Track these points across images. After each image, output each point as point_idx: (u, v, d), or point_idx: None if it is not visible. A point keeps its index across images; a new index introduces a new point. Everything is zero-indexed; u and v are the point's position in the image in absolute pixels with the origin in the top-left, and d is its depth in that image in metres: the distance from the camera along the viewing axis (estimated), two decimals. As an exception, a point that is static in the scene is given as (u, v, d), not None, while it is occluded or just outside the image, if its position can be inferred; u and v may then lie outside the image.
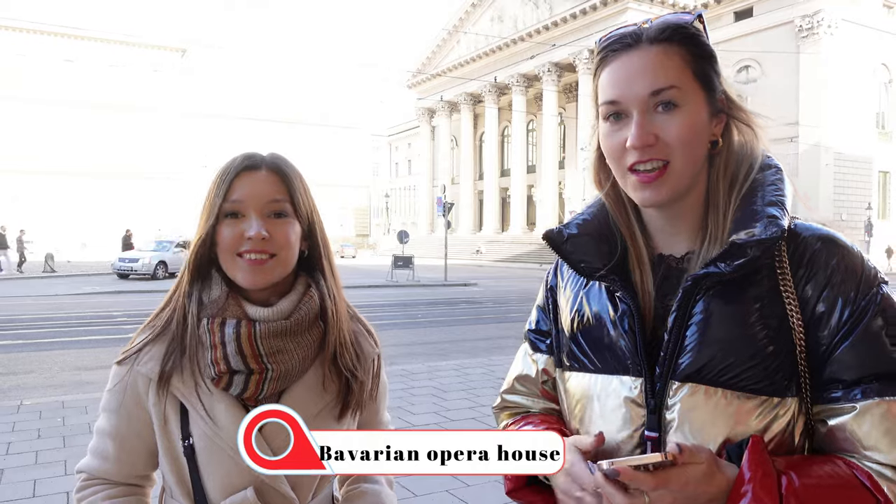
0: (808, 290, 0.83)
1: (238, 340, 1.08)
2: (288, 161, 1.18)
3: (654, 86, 0.85)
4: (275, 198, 1.12)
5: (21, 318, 13.04)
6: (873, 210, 35.05)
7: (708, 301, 0.85)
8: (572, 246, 0.99)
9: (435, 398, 6.19)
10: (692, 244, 0.93)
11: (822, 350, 0.82)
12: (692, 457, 0.77)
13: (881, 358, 0.79)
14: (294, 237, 1.13)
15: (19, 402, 5.96)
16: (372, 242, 71.88)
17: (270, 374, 1.09)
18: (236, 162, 1.13)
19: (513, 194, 49.00)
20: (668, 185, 0.87)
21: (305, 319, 1.13)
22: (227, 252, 1.10)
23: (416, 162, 69.91)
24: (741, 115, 0.92)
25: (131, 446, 1.14)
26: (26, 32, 55.14)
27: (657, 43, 0.87)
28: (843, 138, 34.80)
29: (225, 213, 1.11)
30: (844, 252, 0.84)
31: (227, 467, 1.09)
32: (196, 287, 1.14)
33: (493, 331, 11.98)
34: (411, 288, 23.09)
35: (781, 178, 0.90)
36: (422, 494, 3.84)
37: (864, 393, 0.78)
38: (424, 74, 56.79)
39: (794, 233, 0.87)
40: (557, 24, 42.61)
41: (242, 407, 1.10)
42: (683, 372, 0.85)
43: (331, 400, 1.17)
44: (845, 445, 0.80)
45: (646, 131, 0.85)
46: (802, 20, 34.44)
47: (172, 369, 1.09)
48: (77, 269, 28.78)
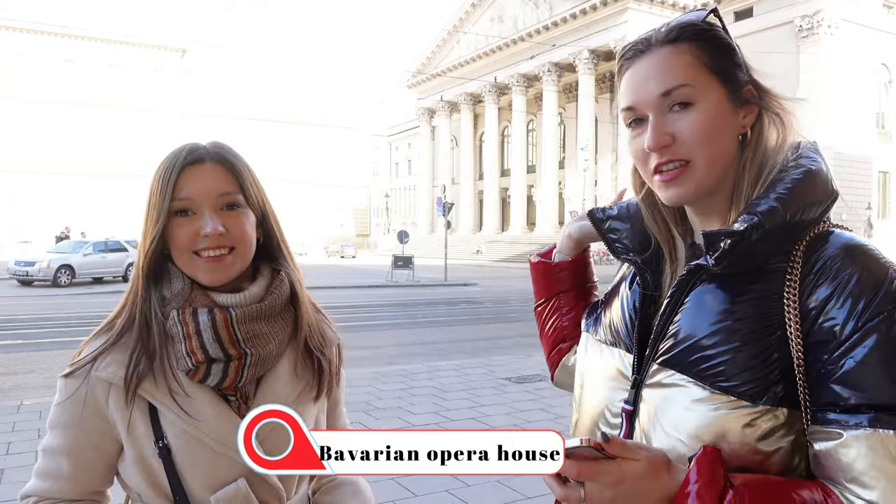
0: (813, 300, 0.78)
1: (214, 327, 1.05)
2: (232, 150, 1.15)
3: (664, 86, 0.85)
4: (226, 190, 1.09)
5: (21, 318, 13.04)
6: (873, 210, 35.07)
7: (700, 292, 0.86)
8: (611, 226, 1.05)
9: (435, 398, 6.19)
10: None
11: (820, 366, 0.76)
12: (623, 450, 0.75)
13: (882, 386, 0.72)
14: (250, 228, 1.11)
15: (19, 402, 5.96)
16: (372, 242, 71.90)
17: (250, 359, 1.07)
18: (180, 157, 1.09)
19: (513, 194, 49.00)
20: (690, 182, 0.86)
21: (279, 302, 1.13)
22: (183, 251, 1.07)
23: (416, 162, 69.92)
24: (773, 105, 0.89)
25: (88, 461, 1.08)
26: (26, 32, 55.14)
27: (667, 44, 0.87)
28: (842, 138, 34.79)
29: (175, 212, 1.07)
30: (866, 262, 0.77)
31: (212, 462, 1.06)
32: (153, 286, 1.10)
33: (493, 331, 11.98)
34: (411, 288, 23.08)
35: (805, 178, 0.83)
36: (422, 494, 3.85)
37: (858, 422, 0.72)
38: (424, 74, 56.79)
39: (817, 238, 0.82)
40: (557, 24, 42.61)
41: (222, 398, 1.08)
42: (662, 355, 0.88)
43: (307, 383, 1.17)
44: (829, 473, 0.74)
45: (661, 133, 0.85)
46: (802, 20, 34.45)
47: (141, 372, 1.05)
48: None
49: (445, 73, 52.53)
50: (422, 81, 58.00)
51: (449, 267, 27.56)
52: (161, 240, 1.08)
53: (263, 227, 1.16)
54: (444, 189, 31.31)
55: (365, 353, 9.29)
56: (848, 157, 35.33)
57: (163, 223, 1.06)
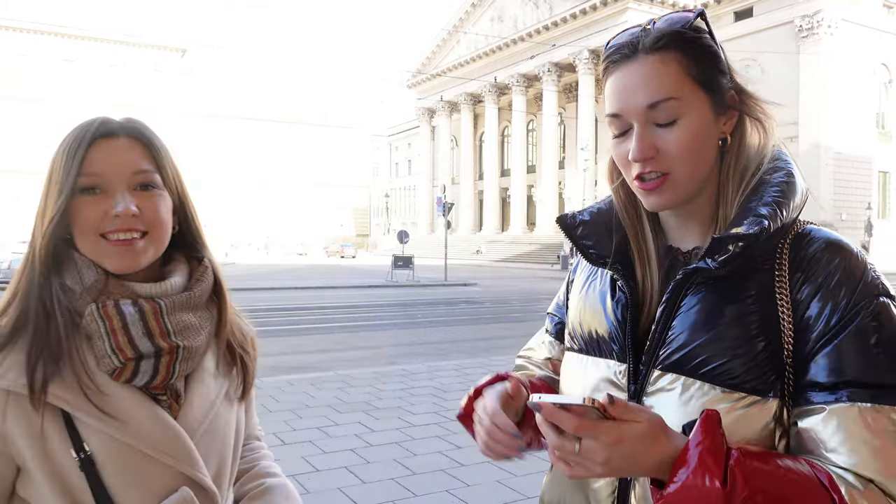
0: (802, 294, 0.82)
1: (144, 320, 0.94)
2: (148, 126, 1.03)
3: (651, 98, 0.85)
4: (141, 168, 0.97)
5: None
6: (873, 210, 35.06)
7: (697, 295, 0.87)
8: (583, 232, 1.02)
9: (435, 398, 6.19)
10: (702, 239, 0.93)
11: (805, 353, 0.81)
12: (626, 412, 0.74)
13: (860, 365, 0.77)
14: (165, 212, 1.00)
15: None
16: (372, 242, 71.90)
17: (181, 352, 0.97)
18: (91, 129, 0.97)
19: (513, 194, 49.02)
20: (669, 193, 0.88)
21: (205, 292, 1.04)
22: (88, 234, 0.95)
23: (416, 162, 69.93)
24: (754, 110, 0.91)
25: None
26: (26, 32, 55.16)
27: (654, 52, 0.86)
28: (842, 138, 34.80)
29: (81, 188, 0.94)
30: (846, 256, 0.83)
31: (145, 471, 0.94)
32: (54, 275, 0.95)
33: (493, 331, 11.97)
34: (411, 288, 23.08)
35: (788, 181, 0.87)
36: (422, 494, 3.84)
37: (837, 397, 0.77)
38: (424, 74, 56.80)
39: (801, 236, 0.86)
40: (557, 24, 42.62)
41: (150, 398, 0.97)
42: (664, 361, 0.87)
43: (228, 381, 1.09)
44: (810, 446, 0.78)
45: (645, 145, 0.86)
46: (802, 20, 34.44)
47: (47, 375, 0.90)
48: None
49: (445, 73, 52.54)
50: (422, 81, 58.01)
51: (449, 267, 27.57)
52: (62, 221, 0.95)
53: (181, 213, 1.06)
54: (444, 189, 31.33)
55: (365, 353, 9.30)
56: (848, 157, 35.34)
57: (65, 201, 0.93)
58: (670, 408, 0.85)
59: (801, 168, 0.91)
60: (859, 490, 0.73)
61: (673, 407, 0.85)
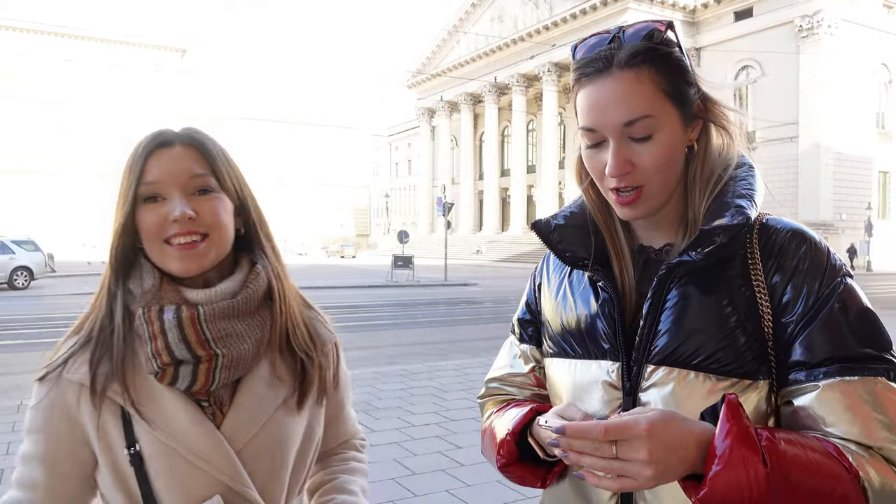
0: (776, 279, 0.87)
1: (180, 326, 0.96)
2: (204, 133, 1.06)
3: (627, 116, 0.87)
4: (196, 172, 1.00)
5: (21, 319, 13.05)
6: (873, 210, 35.05)
7: (681, 288, 0.90)
8: (559, 236, 1.03)
9: (435, 398, 6.19)
10: (671, 237, 0.97)
11: (787, 335, 0.85)
12: (620, 433, 0.73)
13: (841, 342, 0.83)
14: (225, 214, 1.02)
15: (19, 402, 5.95)
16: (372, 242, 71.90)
17: (221, 360, 0.98)
18: (146, 140, 1.02)
19: (513, 194, 49.01)
20: (644, 206, 0.91)
21: (254, 298, 1.03)
22: (153, 240, 0.99)
23: (416, 162, 69.92)
24: (719, 117, 0.94)
25: (63, 471, 0.99)
26: (26, 32, 55.14)
27: (628, 68, 0.87)
28: (842, 138, 34.79)
29: (143, 198, 0.99)
30: (811, 245, 0.88)
31: (185, 474, 0.97)
32: (122, 281, 1.01)
33: (493, 331, 11.97)
34: (411, 288, 23.08)
35: (753, 174, 0.94)
36: (422, 494, 3.85)
37: (826, 374, 0.82)
38: (424, 74, 56.79)
39: (765, 226, 0.91)
40: (557, 24, 42.61)
41: (194, 402, 1.00)
42: (658, 355, 0.89)
43: (288, 389, 1.07)
44: (808, 423, 0.82)
45: (622, 160, 0.88)
46: (802, 20, 34.43)
47: (107, 373, 0.97)
48: (77, 270, 28.76)
49: (445, 73, 52.53)
50: (422, 81, 57.99)
51: (449, 267, 27.56)
52: (130, 230, 1.00)
53: (243, 215, 1.08)
54: (444, 189, 31.32)
55: (365, 353, 9.29)
56: (848, 157, 35.33)
57: (128, 211, 0.99)
58: (667, 400, 0.87)
59: (802, 168, 0.95)
60: (864, 457, 0.78)
61: (670, 399, 0.87)
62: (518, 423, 0.97)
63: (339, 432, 1.23)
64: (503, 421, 1.01)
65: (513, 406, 1.05)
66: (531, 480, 1.00)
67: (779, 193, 28.14)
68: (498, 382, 1.15)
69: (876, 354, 0.82)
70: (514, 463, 0.98)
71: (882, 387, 0.81)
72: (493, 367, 1.19)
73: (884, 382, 0.81)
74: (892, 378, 0.82)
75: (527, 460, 0.98)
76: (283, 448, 1.05)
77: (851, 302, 0.85)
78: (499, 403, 1.11)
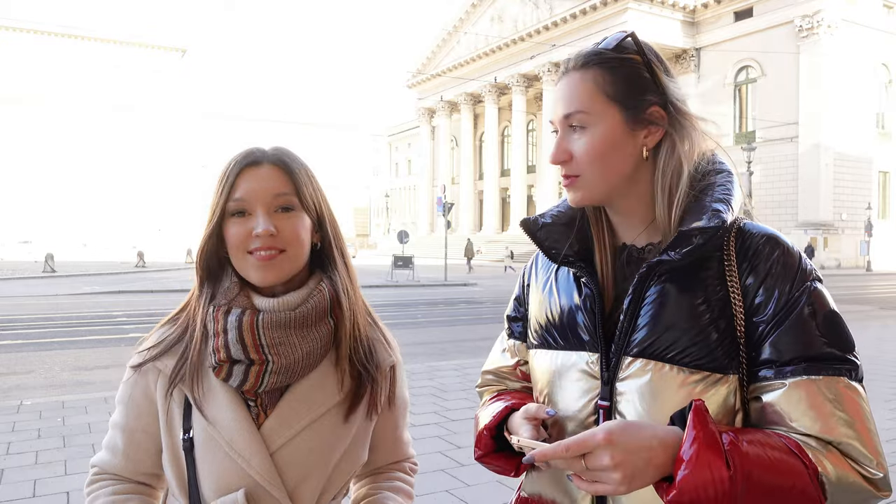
0: (749, 281, 0.93)
1: (240, 328, 1.06)
2: (292, 153, 1.16)
3: (566, 110, 0.98)
4: (280, 192, 1.09)
5: (21, 318, 13.04)
6: (873, 210, 35.05)
7: (660, 286, 0.96)
8: (545, 234, 1.10)
9: (435, 398, 6.19)
10: (649, 238, 1.03)
11: (758, 334, 0.91)
12: (581, 448, 0.81)
13: (809, 343, 0.88)
14: (303, 231, 1.11)
15: (19, 402, 5.95)
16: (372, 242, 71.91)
17: (271, 366, 1.06)
18: (238, 159, 1.11)
19: (513, 194, 49.02)
20: (579, 192, 1.00)
21: (312, 313, 1.10)
22: (237, 250, 1.09)
23: (416, 162, 69.91)
24: (684, 124, 0.99)
25: (139, 441, 1.13)
26: (26, 32, 55.15)
27: (576, 70, 0.99)
28: (842, 138, 34.78)
29: (231, 212, 1.09)
30: (784, 250, 0.94)
31: (222, 464, 1.06)
32: (208, 284, 1.14)
33: (493, 331, 11.95)
34: (411, 288, 23.10)
35: (732, 181, 0.99)
36: (422, 494, 3.84)
37: (793, 372, 0.88)
38: (424, 74, 56.79)
39: (741, 230, 0.97)
40: (557, 24, 42.61)
41: (242, 400, 1.09)
42: (635, 348, 0.95)
43: (341, 399, 1.13)
44: (774, 418, 0.88)
45: (560, 149, 0.99)
46: (802, 20, 34.42)
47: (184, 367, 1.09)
48: (77, 270, 28.77)
49: (445, 73, 52.54)
50: (422, 81, 57.99)
51: (449, 267, 27.58)
52: (217, 238, 1.11)
53: (321, 231, 1.16)
54: (444, 189, 31.30)
55: (365, 353, 9.27)
56: (848, 157, 35.32)
57: (216, 222, 1.09)
58: (642, 390, 0.94)
59: (803, 169, 0.98)
60: (822, 452, 0.84)
61: (645, 389, 0.93)
62: (494, 420, 1.07)
63: (390, 452, 1.30)
64: (485, 414, 1.11)
65: (498, 399, 1.14)
66: (506, 470, 1.08)
67: (779, 193, 27.81)
68: (491, 375, 1.26)
69: (840, 355, 0.88)
70: (490, 454, 1.08)
71: (844, 385, 0.87)
72: (487, 359, 1.29)
73: (846, 382, 0.87)
74: (853, 378, 0.88)
75: (503, 451, 1.07)
76: (321, 455, 1.11)
77: (819, 305, 0.91)
78: (492, 393, 1.21)
